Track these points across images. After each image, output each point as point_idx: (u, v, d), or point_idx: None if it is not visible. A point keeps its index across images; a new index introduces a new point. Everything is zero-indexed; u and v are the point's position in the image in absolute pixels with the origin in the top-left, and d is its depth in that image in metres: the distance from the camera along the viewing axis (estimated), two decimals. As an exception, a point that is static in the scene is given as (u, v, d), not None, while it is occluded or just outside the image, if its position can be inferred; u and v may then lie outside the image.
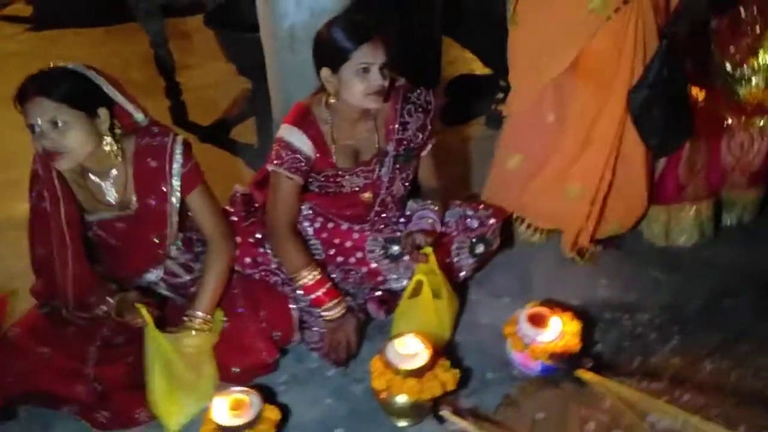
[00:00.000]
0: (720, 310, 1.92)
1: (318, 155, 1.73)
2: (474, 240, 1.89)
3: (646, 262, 2.12)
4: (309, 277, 1.71)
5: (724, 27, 1.94)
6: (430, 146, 1.88)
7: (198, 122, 2.90)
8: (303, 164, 1.71)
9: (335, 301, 1.72)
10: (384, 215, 1.90)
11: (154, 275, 1.72)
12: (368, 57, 1.60)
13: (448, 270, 1.87)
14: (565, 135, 1.97)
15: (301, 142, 1.70)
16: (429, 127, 1.83)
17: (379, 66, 1.61)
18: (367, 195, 1.83)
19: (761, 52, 1.89)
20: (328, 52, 1.63)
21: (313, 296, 1.72)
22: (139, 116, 1.61)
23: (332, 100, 1.70)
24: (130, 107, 1.59)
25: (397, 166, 1.82)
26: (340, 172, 1.77)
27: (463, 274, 1.93)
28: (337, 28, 1.63)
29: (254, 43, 2.31)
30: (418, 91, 1.81)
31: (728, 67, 1.94)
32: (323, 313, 1.72)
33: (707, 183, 2.12)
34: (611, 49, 1.83)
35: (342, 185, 1.79)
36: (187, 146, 1.62)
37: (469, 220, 1.91)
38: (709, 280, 2.02)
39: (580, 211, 2.04)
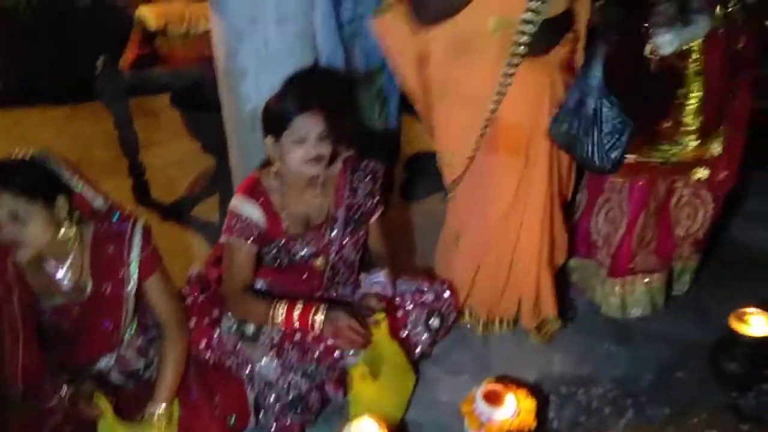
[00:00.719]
0: (671, 382, 1.97)
1: (268, 223, 1.79)
2: (429, 314, 1.92)
3: (599, 334, 2.17)
4: (279, 311, 1.74)
5: None
6: (378, 213, 1.96)
7: (161, 200, 2.93)
8: (253, 231, 1.78)
9: (314, 311, 1.74)
10: (336, 281, 1.94)
11: (106, 362, 1.70)
12: (306, 126, 1.70)
13: (404, 345, 1.89)
14: (497, 214, 1.97)
15: (251, 210, 1.78)
16: (377, 194, 1.92)
17: (317, 135, 1.71)
18: (319, 261, 1.88)
19: (685, 115, 1.94)
20: (271, 121, 1.75)
21: (297, 323, 1.74)
22: (98, 202, 1.63)
23: (277, 169, 1.79)
24: (89, 193, 1.61)
25: (348, 230, 1.88)
26: (291, 240, 1.82)
27: (419, 349, 1.95)
28: (280, 97, 1.77)
29: (218, 121, 2.40)
30: (366, 160, 1.92)
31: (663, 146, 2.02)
32: (316, 328, 1.75)
33: (659, 256, 2.20)
34: (526, 119, 1.85)
35: (294, 253, 1.84)
36: (146, 231, 1.65)
37: (424, 293, 1.95)
38: (660, 352, 2.08)
39: (528, 284, 2.07)
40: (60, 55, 3.65)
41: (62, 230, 1.54)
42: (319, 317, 1.73)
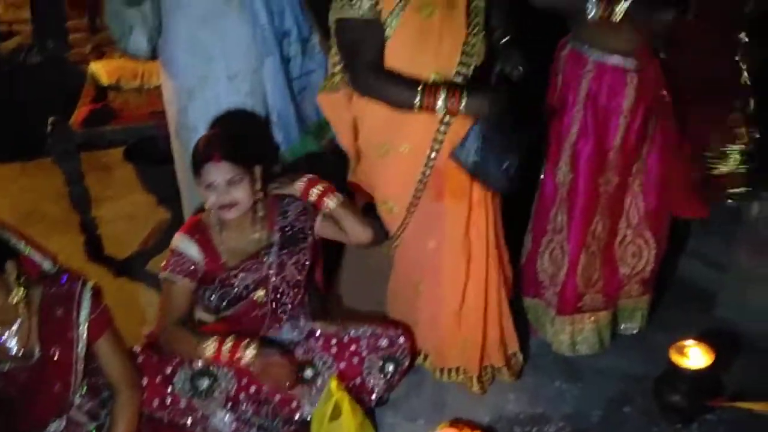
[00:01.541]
0: (619, 417, 2.04)
1: (207, 258, 1.85)
2: (384, 360, 1.95)
3: (550, 373, 2.23)
4: (210, 345, 1.75)
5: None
6: (333, 199, 1.94)
7: (114, 255, 2.90)
8: (190, 267, 1.83)
9: (244, 344, 1.76)
10: (283, 303, 1.96)
11: (56, 426, 1.67)
12: (211, 175, 1.78)
13: (360, 391, 1.92)
14: (450, 259, 2.02)
15: (188, 246, 1.85)
16: (309, 210, 1.97)
17: (225, 182, 1.78)
18: (260, 293, 1.90)
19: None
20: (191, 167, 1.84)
21: (225, 359, 1.75)
22: (46, 265, 1.64)
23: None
24: (36, 257, 1.62)
25: (285, 250, 1.92)
26: (231, 272, 1.87)
27: (375, 395, 1.97)
28: (195, 145, 1.86)
29: (173, 174, 2.43)
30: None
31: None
32: (245, 364, 1.75)
33: (605, 294, 2.27)
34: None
35: (235, 287, 1.87)
36: (96, 292, 1.65)
37: (379, 339, 1.98)
38: (608, 388, 2.14)
39: (490, 323, 2.11)
40: (10, 112, 3.63)
41: (11, 295, 1.53)
42: (250, 351, 1.75)
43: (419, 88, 1.76)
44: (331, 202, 1.93)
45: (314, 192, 1.94)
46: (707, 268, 2.57)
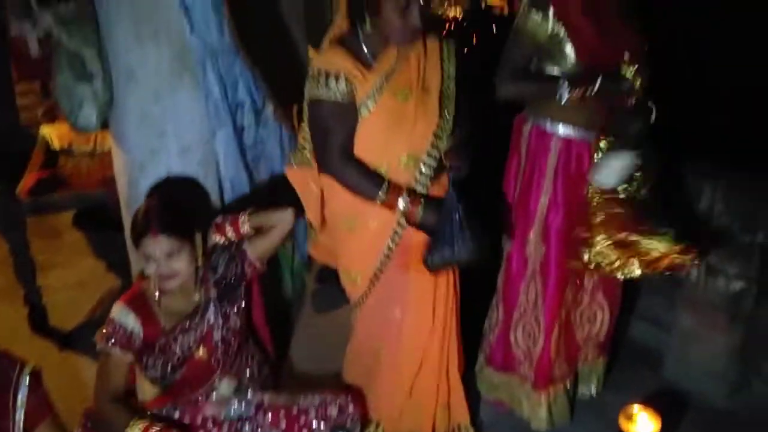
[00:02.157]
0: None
1: (145, 327, 1.81)
2: (334, 429, 1.92)
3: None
4: (138, 427, 1.70)
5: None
6: (246, 227, 1.96)
7: (60, 327, 2.81)
8: (127, 338, 1.79)
9: None
10: (231, 354, 1.94)
11: None
12: (149, 248, 1.77)
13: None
14: (413, 329, 2.02)
15: (125, 316, 1.81)
16: (234, 254, 1.97)
17: (165, 254, 1.77)
18: (201, 352, 1.87)
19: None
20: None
21: None
22: None
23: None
24: None
25: (223, 303, 1.91)
26: (170, 336, 1.83)
27: (327, 465, 1.93)
28: (134, 216, 1.83)
29: (123, 240, 2.39)
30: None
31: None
32: None
33: (568, 361, 2.25)
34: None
35: (175, 349, 1.84)
36: (35, 377, 1.59)
37: (328, 407, 1.95)
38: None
39: (441, 394, 2.11)
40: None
41: None
42: None
43: (384, 186, 1.81)
44: (245, 225, 1.98)
45: (228, 230, 1.97)
46: (654, 328, 2.63)
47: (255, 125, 2.47)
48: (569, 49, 1.94)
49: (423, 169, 1.87)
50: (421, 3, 1.71)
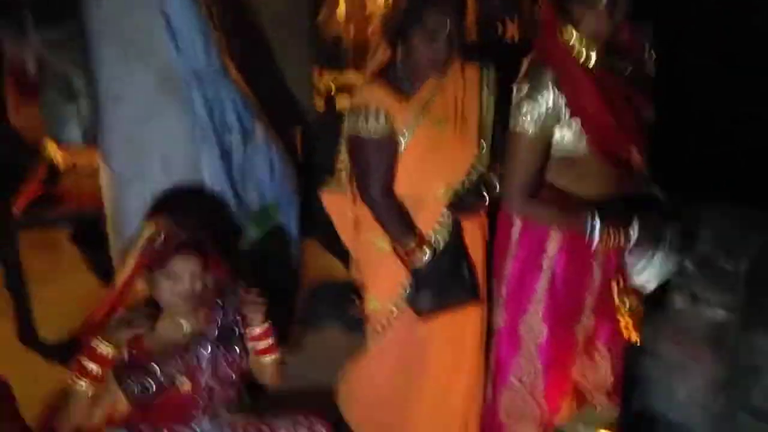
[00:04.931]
0: None
1: (131, 346, 1.78)
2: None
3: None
4: None
5: None
6: (271, 356, 1.97)
7: (49, 340, 2.84)
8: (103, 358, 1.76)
9: None
10: (215, 404, 1.91)
11: None
12: (178, 267, 1.76)
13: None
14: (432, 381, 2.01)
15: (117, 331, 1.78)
16: (250, 314, 1.94)
17: (190, 273, 1.76)
18: (185, 385, 1.84)
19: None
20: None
21: None
22: None
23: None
24: None
25: (219, 346, 1.88)
26: (157, 359, 1.81)
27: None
28: (162, 232, 1.82)
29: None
30: (239, 283, 1.97)
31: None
32: None
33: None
34: None
35: (159, 378, 1.81)
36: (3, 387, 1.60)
37: (299, 429, 1.95)
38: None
39: None
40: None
41: None
42: None
43: (413, 236, 1.85)
44: (267, 359, 1.97)
45: (262, 344, 1.95)
46: (642, 357, 2.59)
47: (242, 146, 2.50)
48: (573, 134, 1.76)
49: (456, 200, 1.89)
50: (451, 31, 1.71)
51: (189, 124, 2.24)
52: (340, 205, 2.02)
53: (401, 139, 1.81)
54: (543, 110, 1.68)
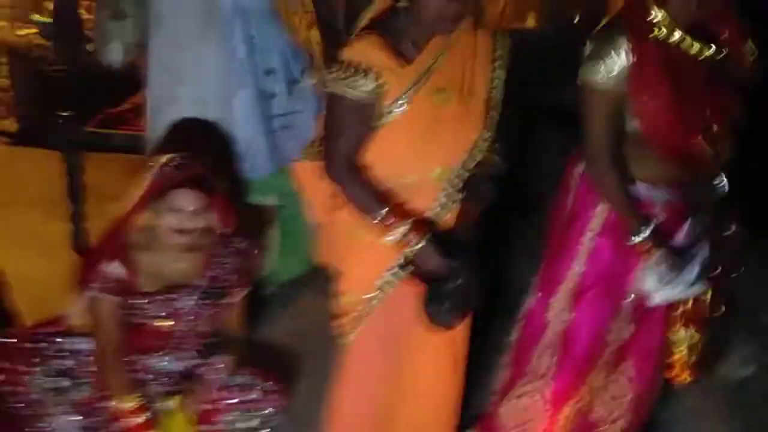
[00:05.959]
0: None
1: (128, 275, 1.77)
2: (249, 413, 1.89)
3: None
4: (125, 404, 1.75)
5: None
6: (242, 292, 1.95)
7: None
8: (114, 283, 1.77)
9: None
10: (182, 347, 1.91)
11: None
12: (179, 201, 1.73)
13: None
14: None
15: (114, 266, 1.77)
16: (244, 273, 1.92)
17: (192, 210, 1.73)
18: (166, 324, 1.85)
19: None
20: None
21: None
22: None
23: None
24: None
25: (206, 301, 1.87)
26: (141, 300, 1.81)
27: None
28: (164, 164, 1.77)
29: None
30: (240, 238, 1.92)
31: None
32: None
33: None
34: None
35: (140, 314, 1.82)
36: None
37: (251, 390, 1.92)
38: None
39: None
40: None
41: None
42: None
43: (383, 211, 1.55)
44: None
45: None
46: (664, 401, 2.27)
47: (287, 95, 2.45)
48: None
49: (455, 183, 1.63)
50: None
51: (227, 60, 2.24)
52: (315, 176, 1.76)
53: (394, 109, 1.54)
54: (618, 66, 1.56)
